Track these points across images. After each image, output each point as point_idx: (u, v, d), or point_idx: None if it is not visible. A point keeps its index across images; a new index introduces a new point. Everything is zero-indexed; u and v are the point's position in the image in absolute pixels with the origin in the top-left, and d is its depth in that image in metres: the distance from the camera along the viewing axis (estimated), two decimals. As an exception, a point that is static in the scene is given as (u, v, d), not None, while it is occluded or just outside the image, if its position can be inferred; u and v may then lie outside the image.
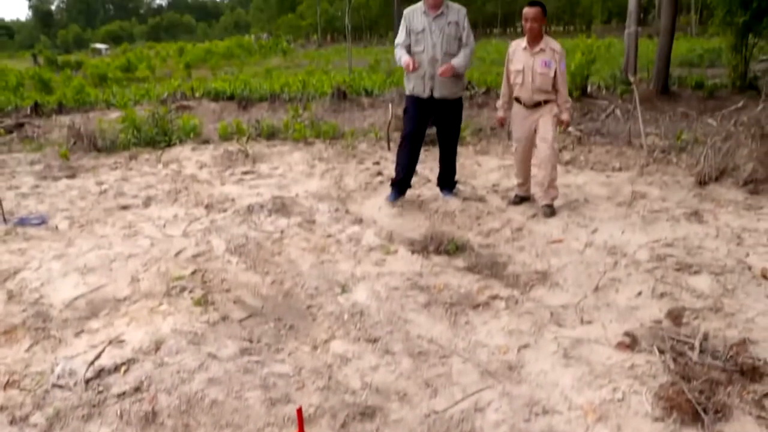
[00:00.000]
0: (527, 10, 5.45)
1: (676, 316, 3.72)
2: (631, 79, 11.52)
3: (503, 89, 5.91)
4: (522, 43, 5.63)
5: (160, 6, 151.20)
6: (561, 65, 5.47)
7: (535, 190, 6.02)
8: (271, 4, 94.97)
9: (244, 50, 49.00)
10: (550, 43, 5.50)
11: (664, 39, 12.64)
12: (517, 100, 5.73)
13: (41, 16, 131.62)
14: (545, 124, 5.59)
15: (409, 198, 6.22)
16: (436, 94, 5.73)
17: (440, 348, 3.43)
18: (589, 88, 13.70)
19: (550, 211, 5.66)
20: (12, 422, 2.83)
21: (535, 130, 5.67)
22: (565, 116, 5.61)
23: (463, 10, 5.79)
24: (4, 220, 6.00)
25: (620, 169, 7.39)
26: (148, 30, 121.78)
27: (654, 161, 7.58)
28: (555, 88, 5.54)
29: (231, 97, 15.45)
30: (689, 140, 8.39)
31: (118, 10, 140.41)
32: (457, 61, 5.67)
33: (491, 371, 3.18)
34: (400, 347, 3.45)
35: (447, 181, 6.30)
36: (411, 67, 5.58)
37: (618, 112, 11.90)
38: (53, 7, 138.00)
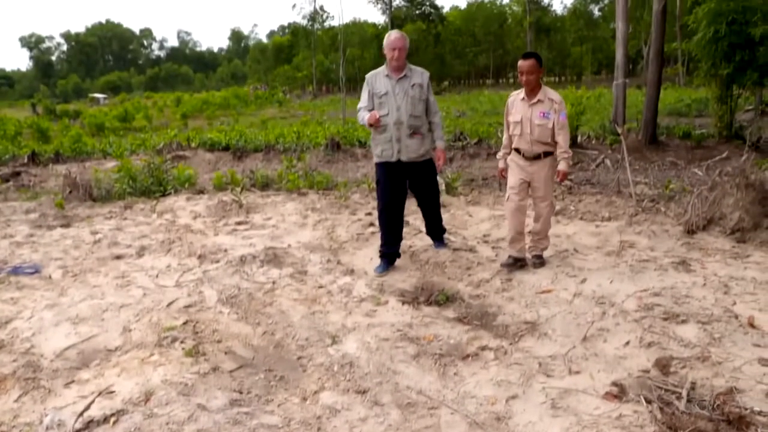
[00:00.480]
0: (522, 63, 5.33)
1: (663, 366, 3.74)
2: (619, 130, 11.76)
3: (504, 140, 5.80)
4: (520, 94, 5.55)
5: (159, 57, 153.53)
6: (560, 116, 5.33)
7: (526, 240, 5.86)
8: (267, 55, 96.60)
9: (241, 101, 49.70)
10: (549, 94, 5.40)
11: (652, 90, 12.94)
12: (517, 150, 5.61)
13: (42, 66, 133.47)
14: (544, 181, 5.49)
15: (401, 248, 6.29)
16: (404, 158, 5.62)
17: (429, 399, 3.45)
18: (579, 138, 13.94)
19: (540, 262, 5.67)
20: None
21: (530, 184, 5.57)
22: (562, 166, 5.42)
23: (426, 74, 5.78)
24: (-2, 269, 6.03)
25: (609, 219, 7.49)
26: (146, 80, 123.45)
27: (643, 210, 7.68)
28: (554, 140, 5.40)
29: (226, 148, 15.68)
30: (677, 189, 8.52)
31: (117, 60, 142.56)
32: (441, 143, 5.83)
33: (479, 422, 3.19)
34: (389, 398, 3.47)
35: (435, 233, 6.31)
36: (376, 120, 5.46)
37: (608, 161, 12.10)
38: (54, 58, 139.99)
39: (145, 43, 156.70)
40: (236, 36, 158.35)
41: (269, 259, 6.08)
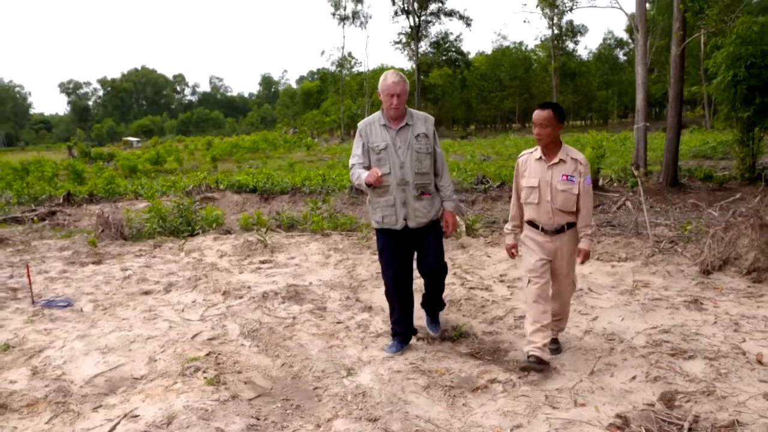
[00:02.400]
0: (538, 114, 4.36)
1: (668, 399, 3.85)
2: (636, 172, 11.87)
3: (512, 210, 4.74)
4: (535, 152, 4.52)
5: (191, 102, 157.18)
6: (585, 181, 4.37)
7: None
8: (296, 100, 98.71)
9: (270, 144, 50.53)
10: (571, 153, 4.42)
11: (672, 133, 13.06)
12: (532, 223, 4.54)
13: (78, 110, 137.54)
14: (568, 258, 4.51)
15: (417, 287, 6.43)
16: (412, 224, 4.68)
17: (436, 428, 3.60)
18: (600, 181, 14.07)
19: (556, 348, 4.71)
20: None
21: (551, 262, 4.53)
22: (584, 244, 4.43)
23: (431, 120, 4.84)
24: (33, 302, 6.35)
25: (626, 259, 7.58)
26: (179, 124, 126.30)
27: (660, 251, 7.76)
28: (578, 209, 4.42)
29: (254, 190, 16.04)
30: (695, 231, 8.59)
31: (151, 105, 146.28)
32: (450, 204, 4.89)
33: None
34: (398, 426, 3.61)
35: (432, 307, 5.25)
36: (377, 179, 4.43)
37: (629, 204, 12.19)
38: (90, 103, 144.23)
39: (178, 88, 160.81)
40: (266, 81, 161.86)
41: (290, 295, 6.29)
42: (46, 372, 4.56)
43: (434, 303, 5.20)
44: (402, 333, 4.97)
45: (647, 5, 15.12)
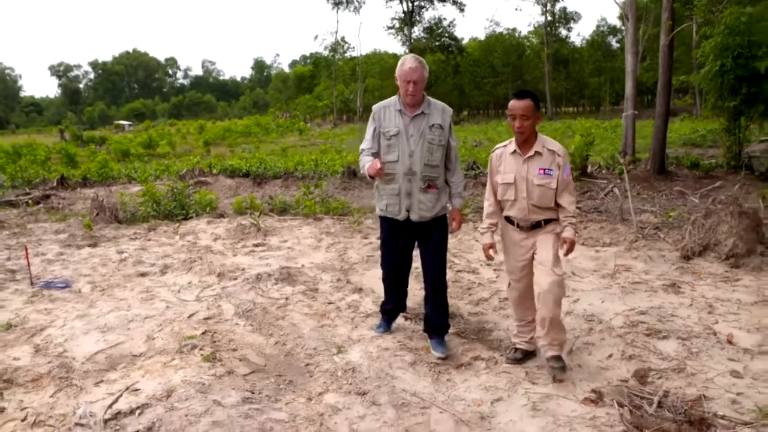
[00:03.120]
0: (514, 104, 4.08)
1: (641, 376, 4.07)
2: (621, 160, 12.08)
3: (487, 208, 4.48)
4: (510, 146, 4.25)
5: (183, 85, 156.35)
6: (565, 172, 4.09)
7: (537, 332, 4.25)
8: (289, 85, 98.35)
9: (262, 129, 50.58)
10: (548, 144, 4.14)
11: (660, 122, 13.26)
12: (509, 220, 4.33)
13: (70, 93, 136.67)
14: (544, 244, 4.16)
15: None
16: (414, 216, 4.51)
17: (421, 400, 3.81)
18: (589, 168, 14.27)
19: (561, 366, 4.06)
20: None
21: (533, 256, 4.25)
22: (568, 233, 4.09)
23: (449, 111, 4.61)
24: (32, 283, 6.51)
25: (610, 245, 7.81)
26: (171, 108, 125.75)
27: (643, 237, 7.98)
28: (557, 203, 4.15)
29: (246, 174, 16.17)
30: (678, 217, 8.82)
31: (143, 88, 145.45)
32: (458, 201, 4.73)
33: (465, 420, 3.54)
34: (385, 399, 3.82)
35: (436, 325, 4.74)
36: (378, 169, 4.32)
37: (616, 190, 12.39)
38: (81, 86, 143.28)
39: (170, 71, 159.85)
40: (259, 65, 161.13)
41: (283, 277, 6.48)
42: (48, 349, 4.74)
43: (438, 314, 4.72)
44: (391, 311, 5.01)
45: (637, -6, 15.26)
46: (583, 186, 12.79)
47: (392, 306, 5.00)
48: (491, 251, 4.44)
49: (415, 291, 6.04)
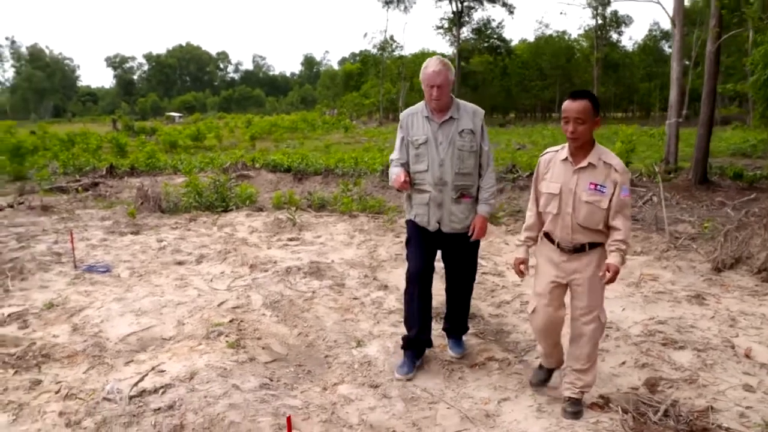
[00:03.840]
0: (568, 105, 3.53)
1: (652, 385, 4.12)
2: (656, 168, 11.95)
3: (528, 219, 3.93)
4: (562, 152, 3.70)
5: (233, 79, 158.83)
6: (622, 191, 3.51)
7: (566, 360, 3.93)
8: (337, 82, 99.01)
9: (308, 125, 51.10)
10: (605, 156, 3.56)
11: (703, 130, 13.07)
12: (548, 236, 3.79)
13: (124, 84, 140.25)
14: (589, 284, 3.62)
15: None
16: (445, 228, 4.25)
17: (431, 396, 3.94)
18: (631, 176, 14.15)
19: (575, 411, 3.69)
20: (67, 425, 3.50)
21: (568, 286, 3.74)
22: (613, 259, 3.48)
23: (481, 113, 4.31)
24: (75, 266, 6.85)
25: (641, 253, 7.79)
26: (220, 101, 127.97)
27: (675, 247, 7.93)
28: (608, 226, 3.58)
29: (288, 170, 16.47)
30: (712, 228, 8.72)
31: (194, 81, 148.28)
32: (484, 208, 4.30)
33: (470, 417, 3.66)
34: (396, 393, 3.97)
35: (457, 326, 4.70)
36: (402, 182, 4.12)
37: (654, 199, 12.28)
38: (135, 77, 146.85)
39: (221, 65, 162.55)
40: (308, 62, 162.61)
41: (312, 271, 6.67)
42: (85, 329, 5.02)
43: (459, 319, 4.65)
44: (416, 342, 4.40)
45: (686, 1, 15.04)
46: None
47: (416, 328, 4.36)
48: (522, 267, 3.85)
49: (440, 290, 6.16)
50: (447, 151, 4.18)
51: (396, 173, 4.23)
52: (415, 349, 4.40)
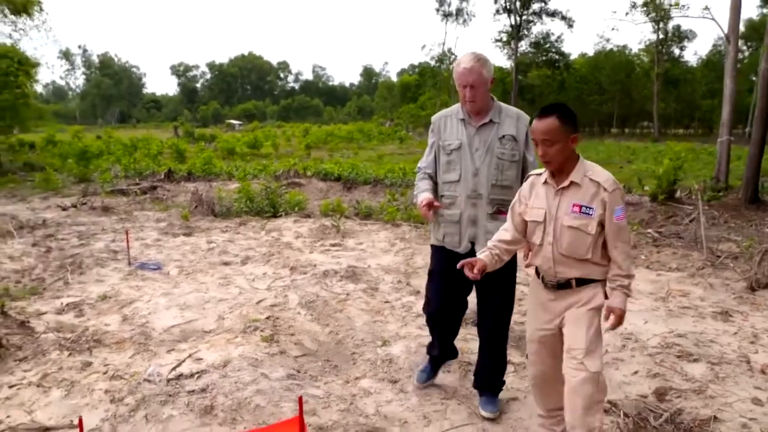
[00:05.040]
0: (535, 125, 3.02)
1: (660, 393, 4.27)
2: (696, 186, 11.86)
3: (499, 233, 3.36)
4: (544, 174, 3.17)
5: (293, 89, 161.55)
6: (615, 213, 2.96)
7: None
8: (394, 93, 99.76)
9: (364, 135, 51.69)
10: (592, 173, 3.02)
11: (755, 150, 12.89)
12: (537, 272, 3.28)
13: (187, 92, 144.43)
14: (577, 322, 3.06)
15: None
16: (480, 248, 3.54)
17: (444, 392, 4.20)
18: (678, 193, 14.03)
19: None
20: (112, 401, 3.91)
21: (561, 329, 3.16)
22: (615, 300, 3.03)
23: (525, 118, 3.72)
24: (129, 263, 7.36)
25: (676, 270, 7.84)
26: (279, 110, 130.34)
27: (712, 265, 7.95)
28: (602, 257, 3.06)
29: (338, 178, 16.90)
30: (753, 248, 8.68)
31: (255, 90, 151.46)
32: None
33: (477, 413, 3.89)
34: (412, 388, 4.25)
35: (489, 382, 4.01)
36: (428, 208, 3.70)
37: (703, 218, 12.18)
38: (198, 85, 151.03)
39: (282, 75, 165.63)
40: (368, 73, 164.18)
41: (348, 275, 6.99)
42: (134, 320, 5.46)
43: (493, 368, 4.01)
44: (435, 360, 4.27)
45: (742, 16, 14.87)
46: (668, 210, 12.62)
47: (437, 352, 4.19)
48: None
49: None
50: (484, 159, 3.65)
51: (423, 196, 3.75)
52: (435, 364, 4.28)
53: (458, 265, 3.20)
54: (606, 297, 3.09)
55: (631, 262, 3.03)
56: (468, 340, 5.10)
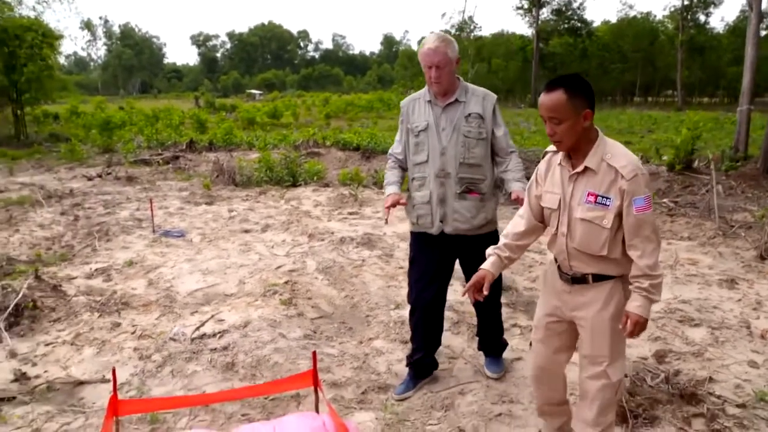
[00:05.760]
0: (541, 100, 2.64)
1: (660, 356, 4.45)
2: (710, 155, 11.86)
3: (511, 225, 3.02)
4: (559, 154, 2.79)
5: (313, 58, 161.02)
6: (635, 204, 2.54)
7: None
8: (415, 61, 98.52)
9: (384, 104, 51.57)
10: (609, 156, 2.60)
11: (774, 120, 12.82)
12: (555, 258, 2.91)
13: (207, 62, 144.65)
14: (593, 327, 2.75)
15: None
16: (448, 229, 3.66)
17: (451, 351, 4.43)
18: (696, 163, 14.02)
19: None
20: (140, 358, 4.23)
21: (573, 326, 2.89)
22: (634, 305, 2.59)
23: (492, 97, 3.73)
24: (153, 231, 7.65)
25: (688, 239, 7.95)
26: (300, 79, 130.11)
27: (723, 234, 8.05)
28: (622, 252, 2.65)
29: (357, 148, 17.04)
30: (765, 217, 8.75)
31: (275, 59, 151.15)
32: (518, 185, 3.62)
33: (483, 372, 4.12)
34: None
35: (491, 345, 4.18)
36: (388, 206, 3.74)
37: (719, 187, 12.20)
38: (218, 55, 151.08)
39: (302, 44, 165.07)
40: (388, 41, 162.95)
41: (364, 242, 7.21)
42: (159, 284, 5.75)
43: (492, 336, 4.16)
44: (419, 364, 3.98)
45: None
46: (685, 180, 12.64)
47: (420, 355, 3.96)
48: (480, 285, 2.93)
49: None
50: (450, 138, 3.61)
51: (388, 192, 3.83)
52: (417, 369, 3.99)
53: (462, 294, 3.11)
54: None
55: (655, 261, 2.59)
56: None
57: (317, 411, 2.91)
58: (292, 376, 3.35)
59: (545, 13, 63.27)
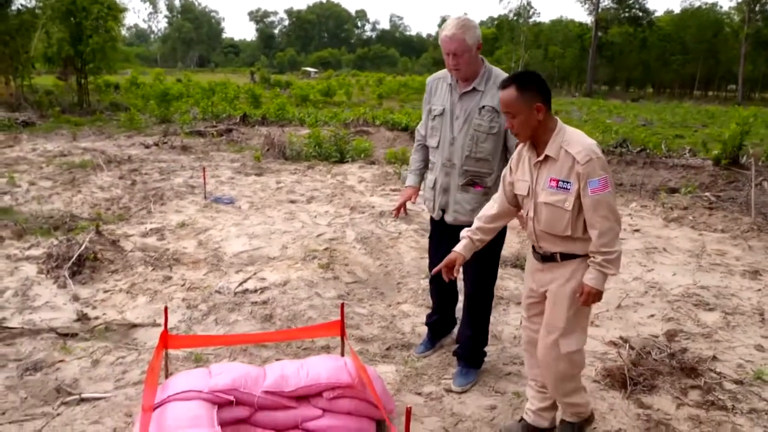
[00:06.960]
0: (499, 97, 2.92)
1: (671, 335, 4.71)
2: (750, 150, 11.79)
3: (486, 207, 3.23)
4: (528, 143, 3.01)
5: (369, 38, 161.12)
6: (589, 185, 2.75)
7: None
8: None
9: (437, 87, 51.55)
10: (568, 144, 2.82)
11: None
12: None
13: (264, 38, 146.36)
14: (554, 299, 3.00)
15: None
16: (449, 218, 3.72)
17: (472, 318, 4.76)
18: (744, 159, 13.90)
19: (570, 429, 3.24)
20: (188, 307, 4.72)
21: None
22: (590, 278, 2.85)
23: None
24: (205, 197, 8.19)
25: (722, 231, 8.07)
26: (355, 59, 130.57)
27: (758, 229, 8.13)
28: (583, 232, 2.87)
29: (405, 128, 17.35)
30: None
31: (332, 38, 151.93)
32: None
33: (497, 336, 4.46)
34: (445, 313, 4.82)
35: (463, 351, 3.94)
36: (396, 214, 4.17)
37: (765, 184, 12.12)
38: (276, 32, 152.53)
39: (359, 23, 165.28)
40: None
41: (402, 216, 7.54)
42: (208, 245, 6.24)
43: (468, 348, 3.91)
44: (435, 324, 4.23)
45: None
46: (730, 175, 12.60)
47: (436, 317, 4.21)
48: (449, 267, 3.13)
49: (513, 243, 6.87)
50: (461, 129, 3.55)
51: (408, 182, 4.12)
52: (435, 330, 4.24)
53: (433, 272, 3.31)
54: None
55: (611, 238, 2.79)
56: (503, 279, 5.61)
57: (342, 356, 3.29)
58: (321, 324, 3.76)
59: (606, 0, 62.10)
